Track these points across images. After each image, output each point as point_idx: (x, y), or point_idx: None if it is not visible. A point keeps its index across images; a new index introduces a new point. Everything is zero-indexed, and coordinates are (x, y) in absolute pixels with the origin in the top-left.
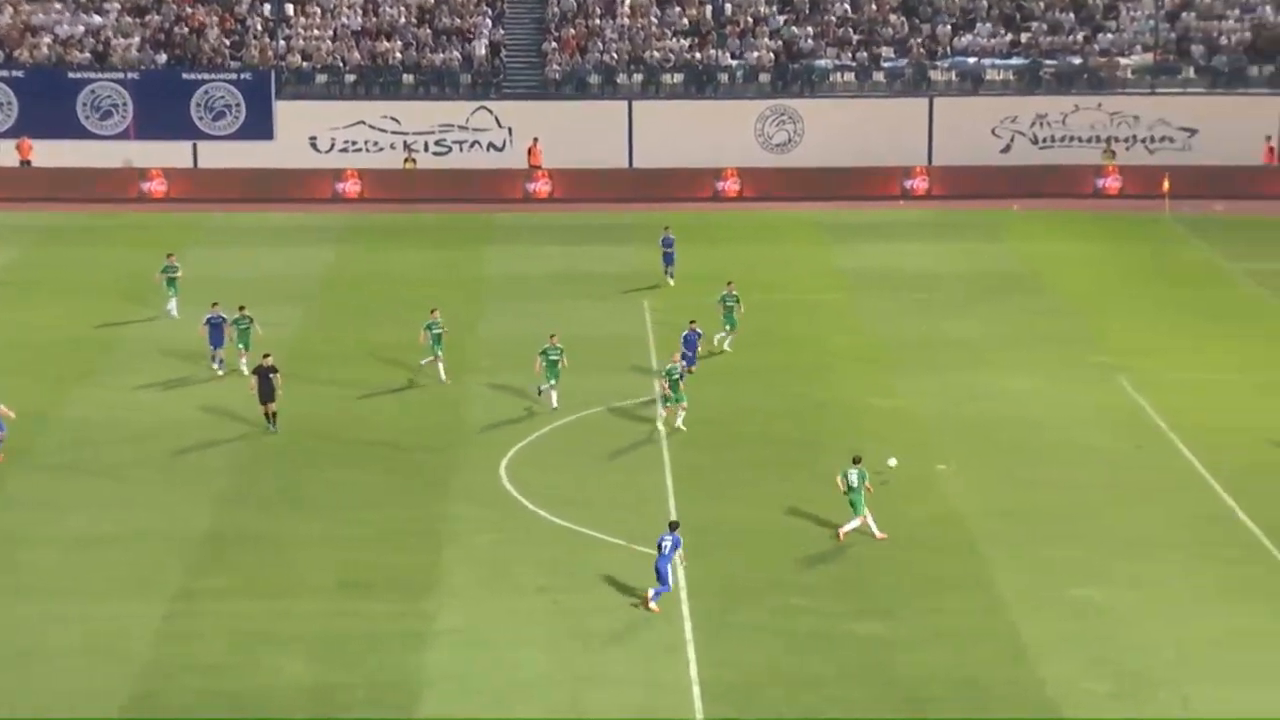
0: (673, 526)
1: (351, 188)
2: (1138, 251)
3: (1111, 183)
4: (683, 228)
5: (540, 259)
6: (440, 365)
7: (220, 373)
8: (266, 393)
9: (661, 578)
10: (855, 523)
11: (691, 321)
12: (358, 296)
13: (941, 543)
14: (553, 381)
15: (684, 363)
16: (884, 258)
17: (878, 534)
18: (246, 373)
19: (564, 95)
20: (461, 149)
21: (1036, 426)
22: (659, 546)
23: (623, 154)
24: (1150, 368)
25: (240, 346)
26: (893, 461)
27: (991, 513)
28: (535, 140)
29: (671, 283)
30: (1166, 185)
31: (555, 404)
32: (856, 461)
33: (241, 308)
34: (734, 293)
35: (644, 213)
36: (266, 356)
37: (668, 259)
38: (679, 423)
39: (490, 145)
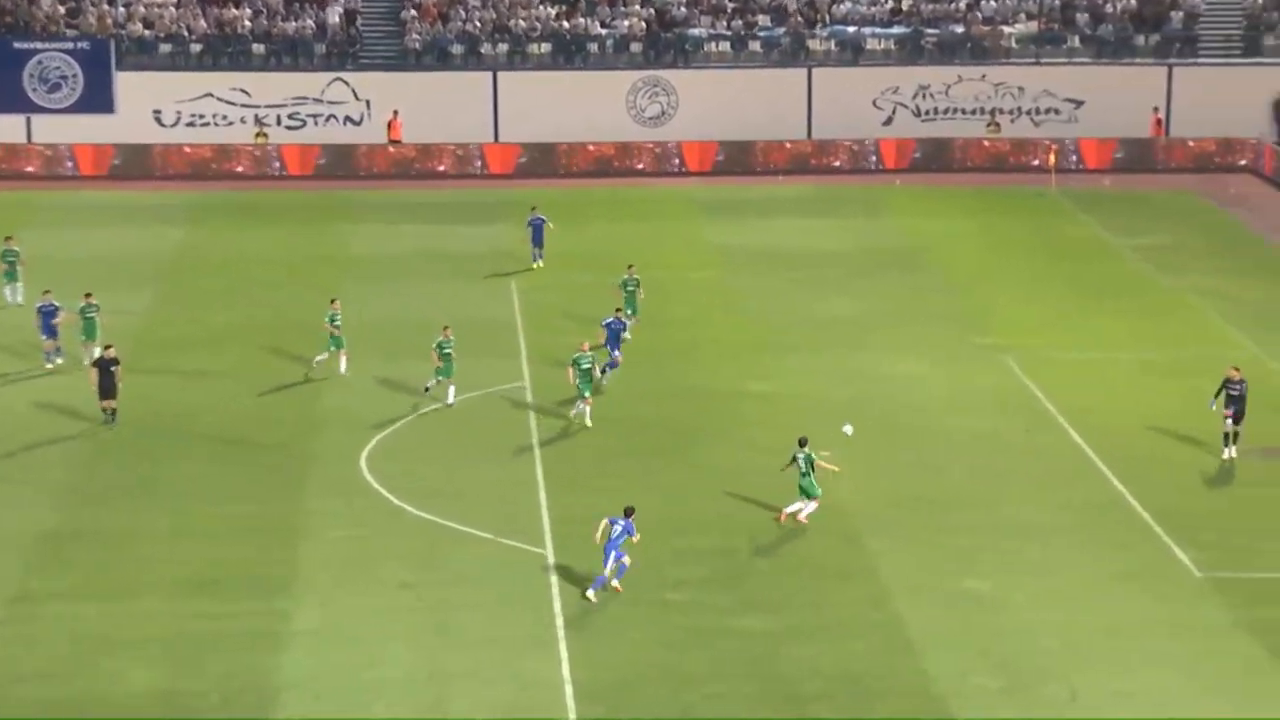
0: (628, 513)
1: (200, 163)
2: (1023, 227)
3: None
4: (551, 205)
5: (401, 238)
6: (343, 358)
7: (49, 366)
8: (107, 388)
9: (605, 561)
10: (811, 506)
11: (617, 310)
12: (209, 279)
13: (825, 533)
14: (443, 378)
15: (610, 351)
16: (761, 234)
17: (803, 518)
18: (88, 365)
19: (425, 66)
20: (317, 123)
21: (921, 410)
22: (611, 529)
23: (488, 128)
24: (1037, 348)
25: (83, 338)
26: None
27: (876, 501)
28: (395, 113)
29: (540, 264)
30: (1052, 158)
31: (452, 399)
32: (803, 444)
33: (88, 295)
34: (635, 276)
35: (510, 189)
36: (108, 348)
37: (536, 240)
38: (587, 419)
39: (347, 119)
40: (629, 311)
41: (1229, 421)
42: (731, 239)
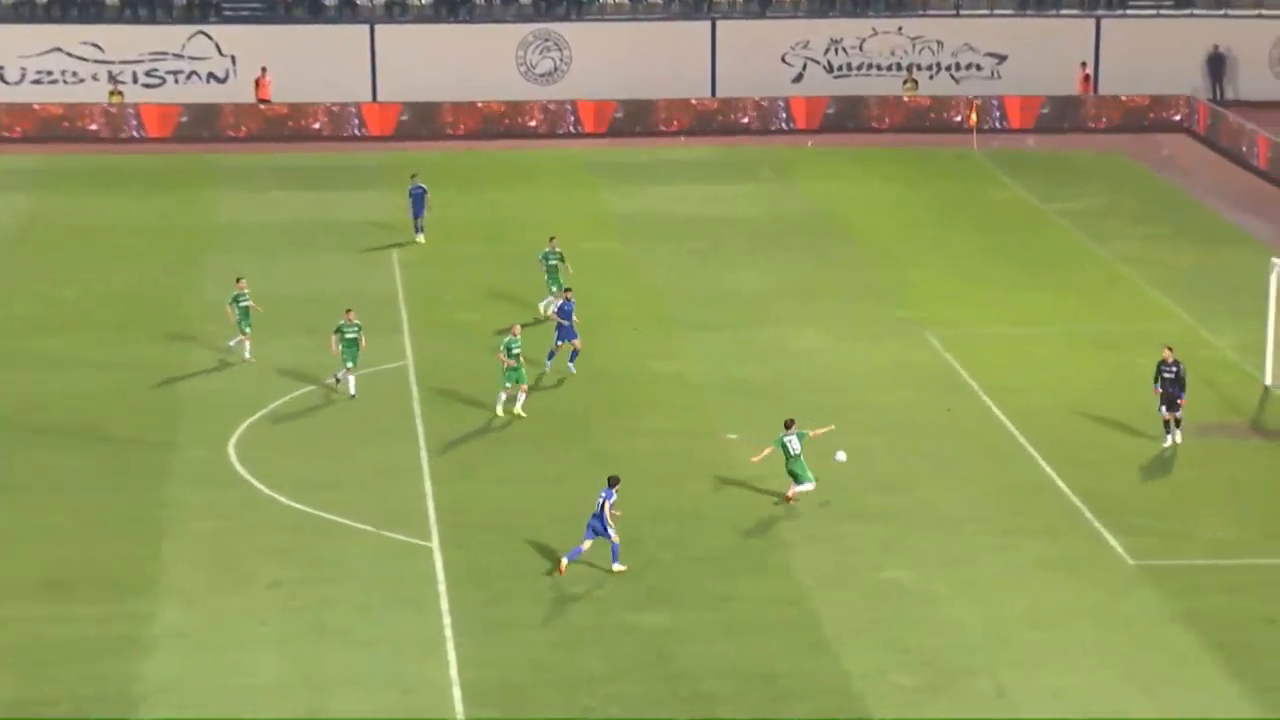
0: (611, 482)
1: (48, 123)
2: (943, 191)
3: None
4: (435, 169)
5: (271, 206)
6: (247, 343)
7: None
8: None
9: (588, 536)
10: (807, 487)
11: (567, 290)
12: (59, 251)
13: (732, 522)
14: (350, 364)
15: (561, 339)
16: (664, 201)
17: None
18: None
19: (295, 19)
20: (177, 80)
21: (835, 390)
22: (597, 504)
23: (365, 86)
24: (959, 322)
25: None
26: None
27: (788, 487)
28: (263, 71)
29: (421, 239)
30: (974, 117)
31: (354, 391)
32: (789, 425)
33: None
34: (557, 249)
35: (391, 152)
36: None
37: (417, 211)
38: (518, 407)
39: (211, 76)
40: (553, 288)
41: (1164, 409)
42: (631, 206)
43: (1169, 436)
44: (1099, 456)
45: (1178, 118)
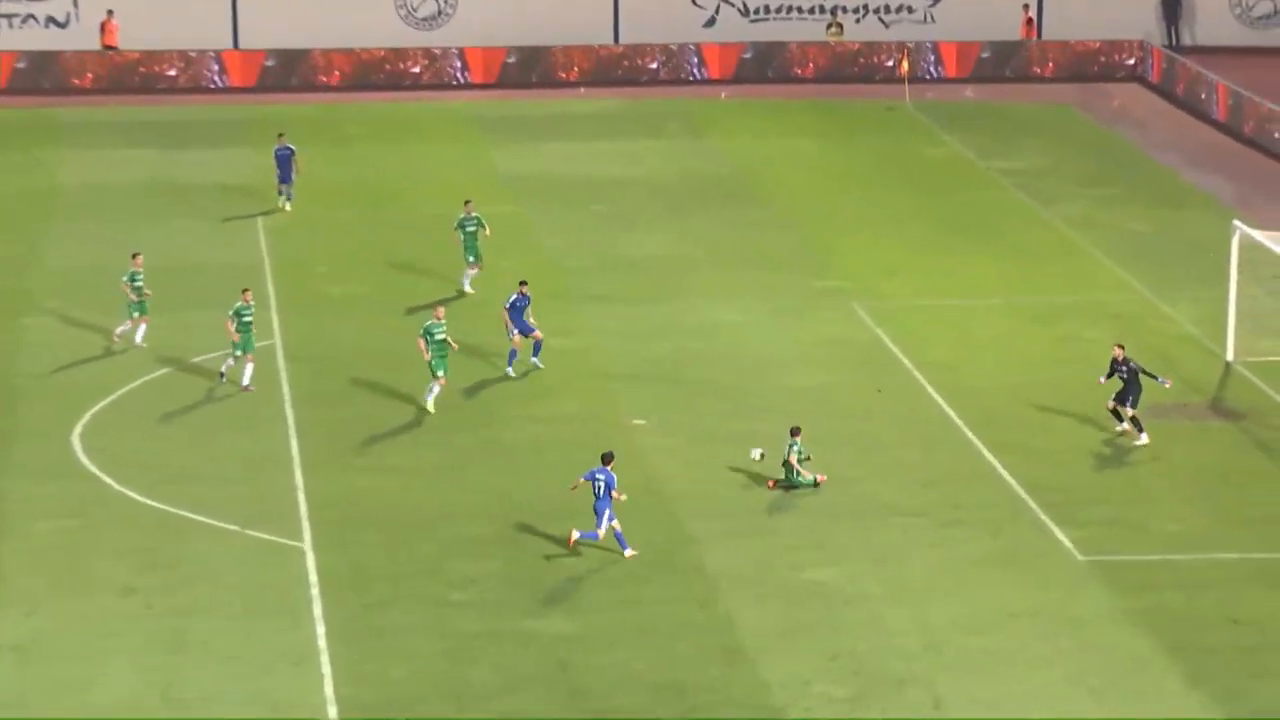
0: (606, 460)
1: None
2: (872, 148)
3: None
4: (303, 125)
5: (121, 165)
6: (142, 326)
7: None
8: None
9: (599, 521)
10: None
11: (522, 283)
12: None
13: (639, 517)
14: (243, 352)
15: (523, 333)
16: (560, 159)
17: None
18: None
19: None
20: (12, 24)
21: (752, 369)
22: (593, 486)
23: (225, 31)
24: (890, 293)
25: None
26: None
27: (698, 479)
28: (110, 13)
29: (288, 207)
30: (905, 66)
31: (249, 381)
32: (795, 434)
33: None
34: (474, 214)
35: (253, 104)
36: None
37: (284, 175)
38: (429, 402)
39: (50, 20)
40: (470, 259)
41: (1125, 405)
42: (524, 165)
43: (1121, 425)
44: (1045, 442)
45: (1130, 63)
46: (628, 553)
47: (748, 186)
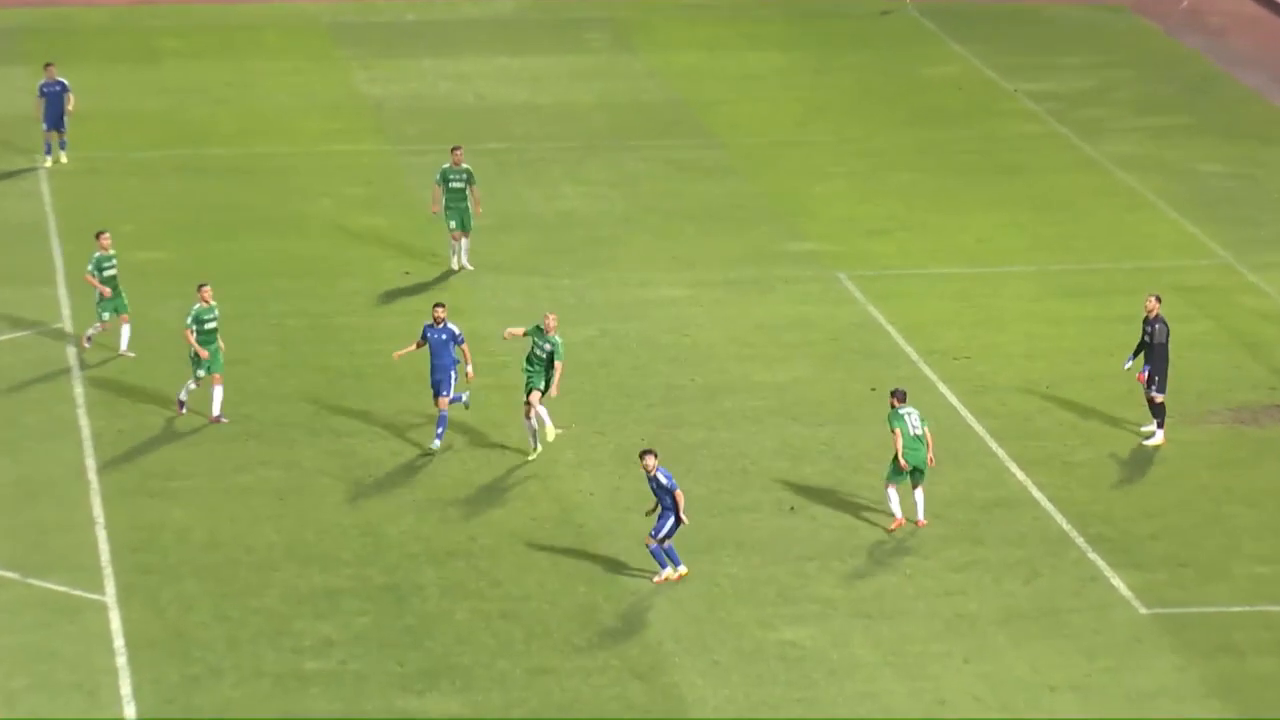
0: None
1: None
2: (860, 66)
3: None
4: (88, 42)
5: None
6: (125, 328)
7: None
8: None
9: (666, 526)
10: (919, 500)
11: (437, 306)
12: None
13: (551, 558)
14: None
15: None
16: (441, 81)
17: (920, 518)
18: None
19: None
20: None
21: (705, 361)
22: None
23: None
24: (884, 258)
25: None
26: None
27: (630, 509)
28: None
29: (64, 159)
30: None
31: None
32: (902, 398)
33: None
34: (464, 165)
35: (30, 8)
36: None
37: (52, 118)
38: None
39: None
40: (452, 225)
41: (1149, 388)
42: (393, 88)
43: (1148, 427)
44: (1091, 456)
45: None
46: (678, 571)
47: (695, 118)
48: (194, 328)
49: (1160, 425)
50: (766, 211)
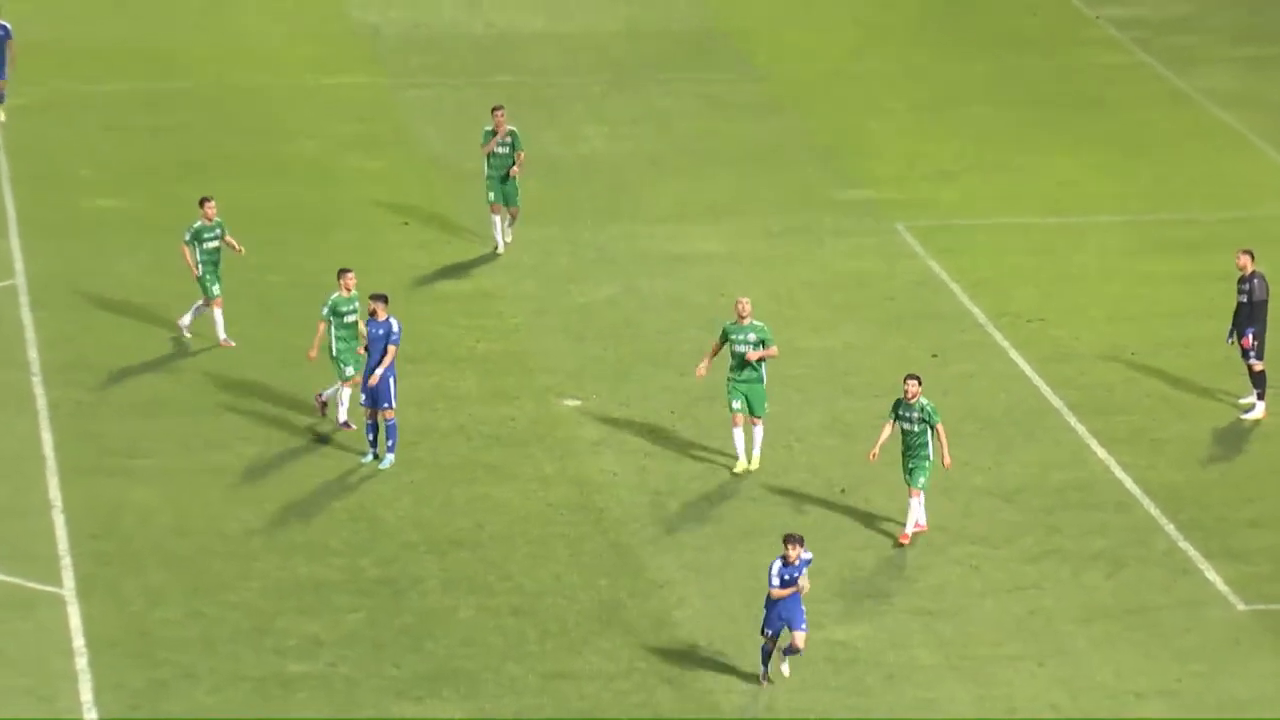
0: (792, 542)
1: None
2: None
3: None
4: None
5: None
6: (218, 312)
7: None
8: None
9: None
10: (916, 507)
11: (375, 298)
12: None
13: (570, 549)
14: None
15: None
16: (443, 4)
17: (911, 528)
18: None
19: None
20: None
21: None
22: (780, 577)
23: None
24: (949, 206)
25: None
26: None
27: (659, 488)
28: None
29: (1, 116)
30: None
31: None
32: (905, 381)
33: None
34: (509, 128)
35: None
36: None
37: None
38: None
39: None
40: (492, 196)
41: (1248, 355)
42: (392, 13)
43: (1247, 398)
44: (1182, 431)
45: None
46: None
47: (732, 47)
48: (330, 321)
49: (1261, 397)
50: (814, 153)
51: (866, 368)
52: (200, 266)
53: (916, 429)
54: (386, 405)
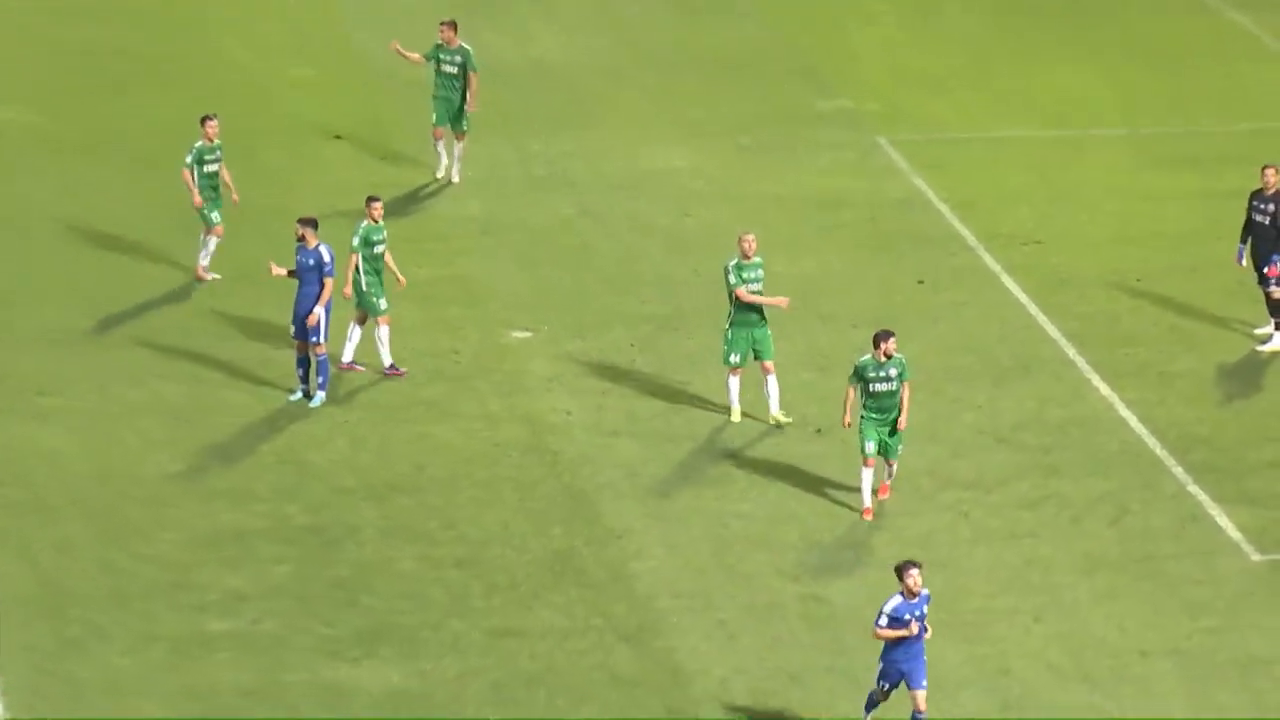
0: (910, 569)
1: None
2: None
3: None
4: None
5: None
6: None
7: None
8: None
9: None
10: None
11: (303, 223)
12: None
13: (522, 493)
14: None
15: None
16: None
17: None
18: None
19: None
20: None
21: (713, 242)
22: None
23: None
24: (938, 118)
25: None
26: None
27: (617, 427)
28: None
29: None
30: None
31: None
32: (885, 339)
33: None
34: (458, 44)
35: None
36: None
37: None
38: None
39: None
40: (435, 118)
41: (1268, 283)
42: None
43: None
44: (1192, 364)
45: None
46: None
47: None
48: (361, 253)
49: (1279, 327)
50: (791, 61)
51: (845, 295)
52: (199, 193)
53: (896, 386)
54: (316, 340)
